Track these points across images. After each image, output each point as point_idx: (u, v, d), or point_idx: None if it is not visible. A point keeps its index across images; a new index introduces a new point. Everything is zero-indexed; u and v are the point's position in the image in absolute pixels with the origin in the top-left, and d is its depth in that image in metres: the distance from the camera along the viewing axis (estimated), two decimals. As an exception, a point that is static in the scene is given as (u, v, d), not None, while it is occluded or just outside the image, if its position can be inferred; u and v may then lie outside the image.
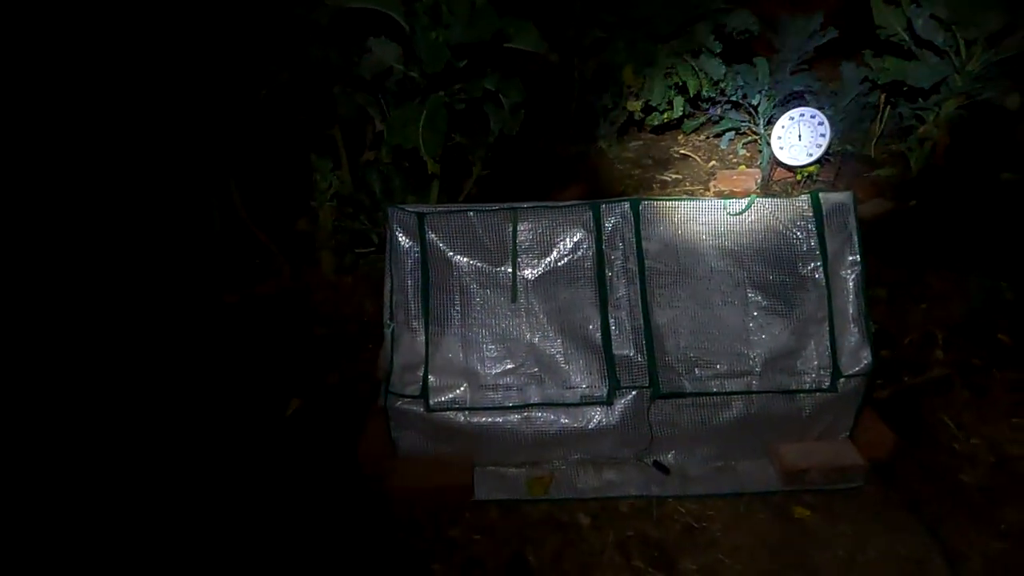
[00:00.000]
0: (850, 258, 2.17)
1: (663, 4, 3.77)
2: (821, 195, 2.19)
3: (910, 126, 3.61)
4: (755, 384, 2.16)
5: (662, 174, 4.18)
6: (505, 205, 2.19)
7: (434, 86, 2.66)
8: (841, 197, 2.20)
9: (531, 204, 2.19)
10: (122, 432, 2.36)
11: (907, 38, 3.31)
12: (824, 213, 2.19)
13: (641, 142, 4.57)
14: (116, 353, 2.71)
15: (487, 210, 2.18)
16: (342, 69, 2.81)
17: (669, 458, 2.23)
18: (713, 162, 4.30)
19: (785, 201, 2.21)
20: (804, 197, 2.21)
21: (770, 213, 2.21)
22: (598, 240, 2.18)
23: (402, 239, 2.16)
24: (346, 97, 2.92)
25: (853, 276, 2.17)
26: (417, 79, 2.67)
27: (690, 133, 4.53)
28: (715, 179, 4.01)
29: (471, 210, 2.18)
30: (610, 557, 1.94)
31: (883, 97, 3.75)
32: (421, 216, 2.16)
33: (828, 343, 2.16)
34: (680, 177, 4.16)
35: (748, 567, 1.92)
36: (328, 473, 2.20)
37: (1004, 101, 3.19)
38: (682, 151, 4.44)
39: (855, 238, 2.17)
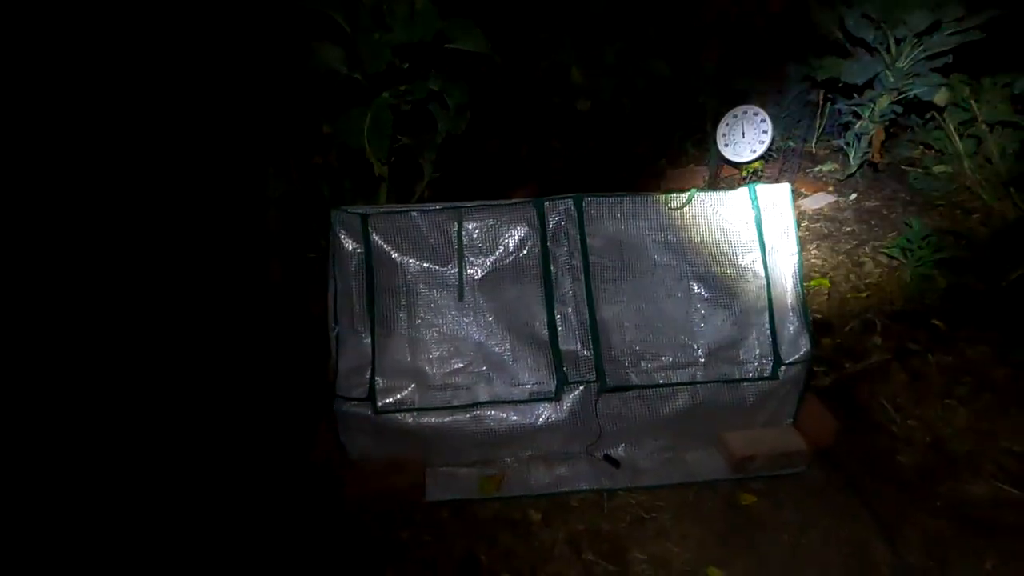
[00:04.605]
0: (787, 249, 2.23)
1: (608, 6, 3.83)
2: (759, 188, 2.25)
3: (848, 122, 3.72)
4: (700, 375, 2.20)
5: (613, 173, 4.22)
6: (449, 204, 2.19)
7: (378, 88, 2.64)
8: (778, 190, 2.26)
9: (475, 203, 2.20)
10: (65, 437, 2.28)
11: (841, 36, 3.42)
12: (762, 206, 2.24)
13: (593, 142, 4.61)
14: (61, 360, 2.62)
15: (431, 210, 2.18)
16: (288, 72, 2.79)
17: (619, 451, 2.25)
18: (663, 160, 4.36)
19: (724, 194, 2.26)
20: (743, 190, 2.26)
21: (710, 207, 2.25)
22: (543, 237, 2.20)
23: (345, 241, 2.14)
24: (292, 100, 2.89)
25: (791, 266, 2.23)
26: (361, 81, 2.66)
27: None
28: (664, 178, 4.08)
29: (415, 210, 2.18)
30: (561, 551, 1.95)
31: (822, 94, 3.86)
32: (364, 217, 2.14)
33: (769, 332, 2.22)
34: (631, 176, 4.21)
35: (697, 554, 1.95)
36: (278, 479, 2.16)
37: (934, 97, 3.32)
38: (633, 150, 4.49)
39: (792, 229, 2.23)
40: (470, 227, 2.18)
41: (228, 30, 2.87)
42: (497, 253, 2.19)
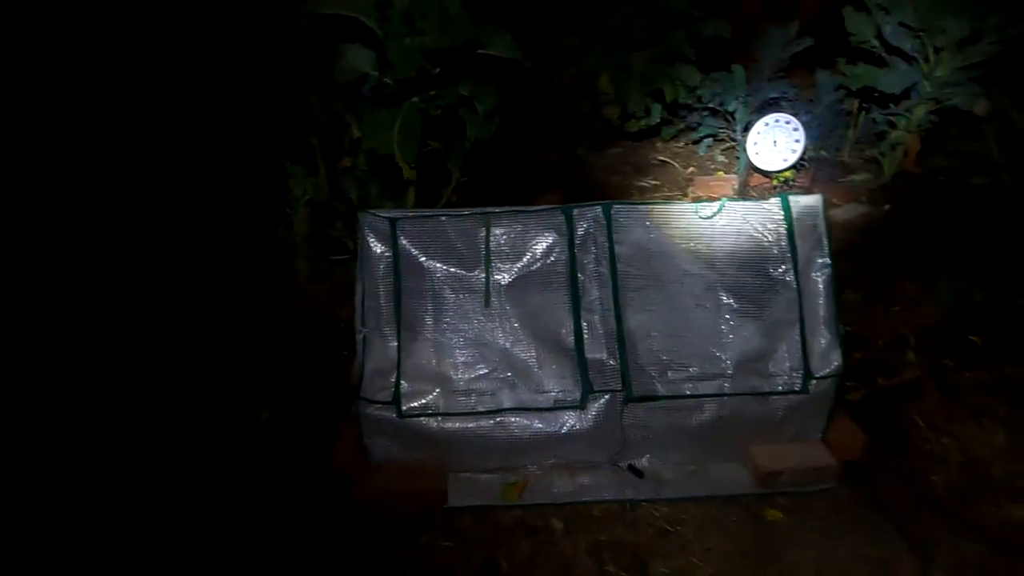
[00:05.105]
0: (820, 260, 2.19)
1: (636, 12, 3.81)
2: (791, 198, 2.21)
3: (883, 131, 3.66)
4: (727, 387, 2.16)
5: (640, 180, 4.20)
6: (477, 209, 2.19)
7: (408, 92, 2.66)
8: (810, 200, 2.22)
9: (504, 208, 2.20)
10: (89, 438, 2.32)
11: (878, 45, 3.36)
12: (794, 216, 2.20)
13: (620, 149, 4.59)
14: (85, 359, 2.68)
15: (459, 215, 2.18)
16: (318, 75, 2.82)
17: (643, 462, 2.22)
18: (691, 168, 4.33)
19: (755, 204, 2.23)
20: (774, 200, 2.22)
21: (741, 216, 2.22)
22: (571, 244, 2.18)
23: (374, 244, 2.15)
24: (322, 104, 2.93)
25: (823, 278, 2.18)
26: (391, 85, 2.68)
27: (668, 140, 4.56)
28: (693, 185, 4.04)
29: (443, 215, 2.18)
30: (582, 562, 1.93)
31: (857, 103, 3.80)
32: (393, 221, 2.15)
33: (799, 345, 2.17)
34: (659, 183, 4.18)
35: (720, 570, 1.92)
36: (300, 481, 2.18)
37: (973, 107, 3.24)
38: (660, 158, 4.46)
39: (825, 240, 2.18)
40: (498, 232, 2.18)
41: (259, 33, 2.91)
42: (524, 259, 2.18)
